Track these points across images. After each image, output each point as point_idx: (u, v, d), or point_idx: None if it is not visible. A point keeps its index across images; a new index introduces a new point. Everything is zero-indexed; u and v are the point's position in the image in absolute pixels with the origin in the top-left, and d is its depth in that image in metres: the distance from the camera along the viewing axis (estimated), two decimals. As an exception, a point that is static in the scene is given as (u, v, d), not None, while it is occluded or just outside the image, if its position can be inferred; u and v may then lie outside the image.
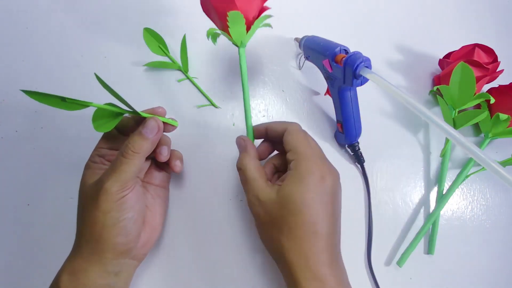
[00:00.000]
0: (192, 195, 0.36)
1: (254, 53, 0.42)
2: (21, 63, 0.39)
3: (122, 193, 0.27)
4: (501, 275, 0.38)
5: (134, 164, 0.27)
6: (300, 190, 0.26)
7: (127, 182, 0.27)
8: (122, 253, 0.28)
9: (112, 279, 0.27)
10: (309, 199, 0.26)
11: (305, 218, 0.26)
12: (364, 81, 0.31)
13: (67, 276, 0.26)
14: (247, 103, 0.32)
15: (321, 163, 0.28)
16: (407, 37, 0.46)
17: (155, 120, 0.28)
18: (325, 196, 0.27)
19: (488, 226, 0.39)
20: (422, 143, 0.41)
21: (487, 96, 0.37)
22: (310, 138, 0.31)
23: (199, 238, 0.35)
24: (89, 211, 0.27)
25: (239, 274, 0.34)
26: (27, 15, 0.41)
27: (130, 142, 0.27)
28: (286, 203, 0.26)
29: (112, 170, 0.27)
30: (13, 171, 0.36)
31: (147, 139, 0.28)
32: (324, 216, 0.26)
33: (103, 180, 0.26)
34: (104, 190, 0.26)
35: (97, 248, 0.27)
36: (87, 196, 0.27)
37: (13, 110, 0.37)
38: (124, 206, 0.27)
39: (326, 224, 0.26)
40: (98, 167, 0.29)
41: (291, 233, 0.26)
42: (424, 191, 0.39)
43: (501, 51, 0.39)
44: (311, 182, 0.26)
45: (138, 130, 0.28)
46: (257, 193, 0.28)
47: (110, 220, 0.26)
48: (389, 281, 0.36)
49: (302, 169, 0.27)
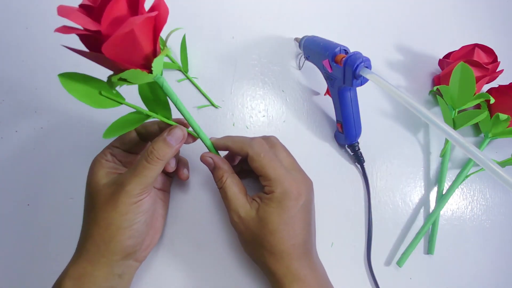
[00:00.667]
0: (192, 196, 0.36)
1: (254, 53, 0.42)
2: (21, 63, 0.39)
3: (141, 196, 0.27)
4: (501, 275, 0.38)
5: (156, 170, 0.27)
6: (277, 213, 0.27)
7: (148, 186, 0.27)
8: (128, 255, 0.28)
9: (116, 281, 0.28)
10: (287, 219, 0.27)
11: (284, 235, 0.27)
12: (364, 81, 0.31)
13: (71, 282, 0.26)
14: (192, 123, 0.29)
15: (294, 179, 0.29)
16: (407, 37, 0.46)
17: (182, 129, 0.28)
18: (302, 211, 0.28)
19: (487, 226, 0.39)
20: (422, 143, 0.41)
21: (487, 96, 0.37)
22: (280, 152, 0.30)
23: (199, 239, 0.35)
24: (104, 212, 0.26)
25: (239, 274, 0.34)
26: (27, 15, 0.41)
27: (155, 149, 0.27)
28: (265, 224, 0.27)
29: (134, 174, 0.26)
30: (13, 171, 0.36)
31: (172, 147, 0.28)
32: (301, 228, 0.28)
33: (124, 183, 0.26)
34: (125, 193, 0.26)
35: (107, 250, 0.26)
36: (101, 197, 0.27)
37: (13, 110, 0.37)
38: (140, 209, 0.27)
39: (303, 233, 0.28)
40: (110, 165, 0.29)
41: (272, 249, 0.28)
42: (424, 191, 0.39)
43: (500, 51, 0.39)
44: (288, 203, 0.27)
45: (162, 137, 0.28)
46: (238, 210, 0.29)
47: (126, 222, 0.26)
48: (389, 281, 0.36)
49: (277, 194, 0.28)
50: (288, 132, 0.39)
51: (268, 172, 0.28)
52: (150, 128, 0.30)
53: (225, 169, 0.30)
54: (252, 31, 0.43)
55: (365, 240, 0.37)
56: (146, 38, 0.22)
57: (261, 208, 0.28)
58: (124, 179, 0.27)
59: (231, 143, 0.30)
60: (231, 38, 0.42)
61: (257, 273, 0.34)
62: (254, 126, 0.39)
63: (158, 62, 0.23)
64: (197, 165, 0.37)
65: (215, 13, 0.43)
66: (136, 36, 0.21)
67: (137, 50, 0.22)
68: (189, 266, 0.34)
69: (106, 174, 0.28)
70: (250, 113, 0.40)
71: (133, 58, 0.22)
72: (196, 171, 0.37)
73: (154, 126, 0.30)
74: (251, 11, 0.44)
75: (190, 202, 0.36)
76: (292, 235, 0.28)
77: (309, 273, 0.28)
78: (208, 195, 0.36)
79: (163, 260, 0.34)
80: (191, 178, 0.36)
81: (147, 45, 0.23)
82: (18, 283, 0.33)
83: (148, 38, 0.23)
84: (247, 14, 0.43)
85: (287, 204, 0.27)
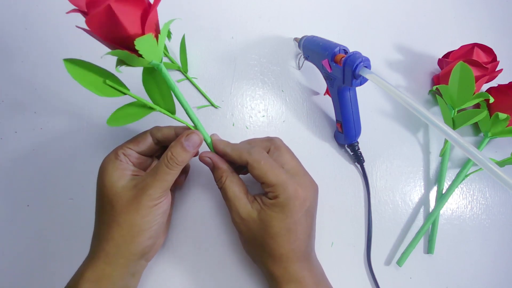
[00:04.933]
0: (193, 195, 0.36)
1: (254, 53, 0.42)
2: (21, 64, 0.39)
3: (161, 199, 0.28)
4: (500, 274, 0.38)
5: (175, 175, 0.28)
6: (280, 218, 0.27)
7: (167, 190, 0.28)
8: (143, 255, 0.29)
9: (129, 280, 0.28)
10: (290, 224, 0.27)
11: (284, 239, 0.27)
12: (363, 81, 0.31)
13: (88, 284, 0.26)
14: (194, 119, 0.29)
15: (299, 184, 0.28)
16: (407, 37, 0.46)
17: (198, 135, 0.29)
18: (305, 216, 0.28)
19: (487, 225, 0.39)
20: (422, 142, 0.41)
21: (486, 95, 0.37)
22: (284, 155, 0.30)
23: (200, 239, 0.35)
24: (126, 215, 0.27)
25: (239, 274, 0.34)
26: (26, 15, 0.41)
27: (174, 155, 0.27)
28: (267, 227, 0.27)
29: (156, 178, 0.27)
30: (13, 172, 0.36)
31: (189, 153, 0.28)
32: (303, 233, 0.28)
33: (146, 187, 0.27)
34: (148, 196, 0.27)
35: (127, 250, 0.27)
36: (122, 200, 0.27)
37: (12, 111, 0.37)
38: (160, 211, 0.28)
39: (304, 238, 0.28)
40: (124, 166, 0.29)
41: (272, 252, 0.28)
42: (423, 190, 0.39)
43: (500, 51, 0.39)
44: (293, 209, 0.27)
45: (180, 142, 0.28)
46: (239, 211, 0.29)
47: (147, 224, 0.27)
48: (389, 281, 0.36)
49: (281, 199, 0.27)
50: (287, 132, 0.39)
51: (270, 178, 0.27)
52: (167, 133, 0.30)
53: (224, 168, 0.30)
54: (252, 31, 0.43)
55: (365, 239, 0.37)
56: (131, 20, 0.23)
57: (263, 211, 0.28)
58: (146, 183, 0.27)
59: (230, 150, 0.30)
60: (231, 38, 0.42)
61: (258, 273, 0.34)
62: (254, 126, 0.39)
63: (142, 43, 0.23)
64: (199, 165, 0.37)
65: (214, 13, 0.43)
66: (115, 14, 0.22)
67: (120, 30, 0.23)
68: (190, 266, 0.34)
69: (122, 175, 0.28)
70: (249, 113, 0.40)
71: (119, 38, 0.23)
72: (198, 170, 0.37)
73: (171, 131, 0.30)
74: (250, 11, 0.44)
75: (190, 202, 0.36)
76: (293, 240, 0.27)
77: (307, 274, 0.28)
78: (208, 194, 0.36)
79: (164, 259, 0.34)
80: (192, 178, 0.36)
81: (133, 27, 0.23)
82: (18, 284, 0.33)
83: (134, 20, 0.23)
84: (246, 14, 0.43)
85: (291, 209, 0.27)
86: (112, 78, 0.26)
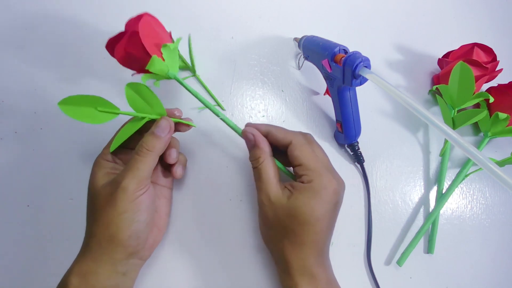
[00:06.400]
0: (193, 196, 0.36)
1: (254, 53, 0.42)
2: (20, 64, 0.39)
3: (138, 192, 0.27)
4: (500, 274, 0.38)
5: (148, 162, 0.28)
6: (311, 204, 0.27)
7: (143, 181, 0.27)
8: (132, 254, 0.28)
9: (120, 279, 0.28)
10: (319, 214, 0.27)
11: (311, 229, 0.27)
12: (363, 81, 0.31)
13: (76, 278, 0.26)
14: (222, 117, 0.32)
15: (332, 177, 0.29)
16: (407, 37, 0.46)
17: (167, 119, 0.29)
18: (333, 209, 0.28)
19: (487, 225, 0.39)
20: (422, 142, 0.41)
21: (486, 95, 0.37)
22: (317, 149, 0.31)
23: (200, 238, 0.35)
24: (104, 212, 0.27)
25: (239, 274, 0.34)
26: (26, 15, 0.41)
27: (144, 141, 0.28)
28: (296, 213, 0.27)
29: (128, 169, 0.27)
30: (13, 172, 0.36)
31: (160, 138, 0.29)
32: (326, 227, 0.28)
33: (119, 180, 0.27)
34: (122, 189, 0.26)
35: (109, 248, 0.27)
36: (101, 197, 0.27)
37: (12, 111, 0.37)
38: (139, 207, 0.27)
39: (326, 232, 0.28)
40: (109, 166, 0.29)
41: (295, 239, 0.28)
42: (423, 190, 0.39)
43: (500, 50, 0.39)
44: (324, 197, 0.27)
45: (151, 130, 0.29)
46: (269, 194, 0.29)
47: (125, 222, 0.27)
48: (389, 281, 0.36)
49: (315, 185, 0.28)
50: (287, 132, 0.39)
51: (308, 162, 0.28)
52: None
53: (265, 150, 0.30)
54: (252, 31, 0.43)
55: (365, 239, 0.37)
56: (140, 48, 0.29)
57: (293, 196, 0.28)
58: (119, 177, 0.27)
59: (274, 129, 0.31)
60: (231, 38, 0.42)
61: (258, 272, 0.34)
62: (254, 126, 0.39)
63: (153, 63, 0.28)
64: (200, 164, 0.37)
65: (214, 13, 0.43)
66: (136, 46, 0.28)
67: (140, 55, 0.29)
68: (190, 265, 0.34)
69: (106, 174, 0.28)
70: (249, 113, 0.40)
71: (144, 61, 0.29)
72: (198, 170, 0.37)
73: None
74: (250, 11, 0.44)
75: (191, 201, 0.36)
76: (318, 231, 0.28)
77: (321, 271, 0.28)
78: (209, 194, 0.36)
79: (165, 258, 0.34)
80: (193, 177, 0.36)
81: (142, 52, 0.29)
82: (18, 284, 0.33)
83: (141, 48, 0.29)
84: (246, 14, 0.43)
85: (322, 198, 0.27)
86: (102, 102, 0.28)
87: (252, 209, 0.36)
